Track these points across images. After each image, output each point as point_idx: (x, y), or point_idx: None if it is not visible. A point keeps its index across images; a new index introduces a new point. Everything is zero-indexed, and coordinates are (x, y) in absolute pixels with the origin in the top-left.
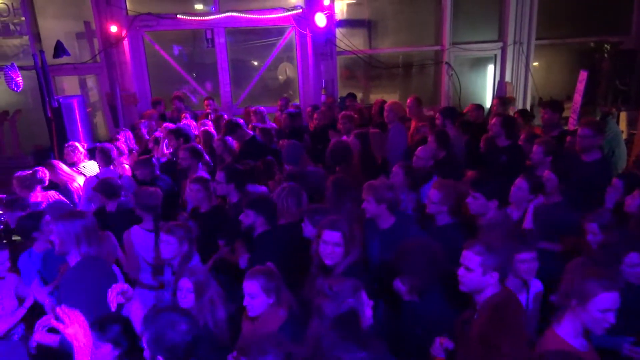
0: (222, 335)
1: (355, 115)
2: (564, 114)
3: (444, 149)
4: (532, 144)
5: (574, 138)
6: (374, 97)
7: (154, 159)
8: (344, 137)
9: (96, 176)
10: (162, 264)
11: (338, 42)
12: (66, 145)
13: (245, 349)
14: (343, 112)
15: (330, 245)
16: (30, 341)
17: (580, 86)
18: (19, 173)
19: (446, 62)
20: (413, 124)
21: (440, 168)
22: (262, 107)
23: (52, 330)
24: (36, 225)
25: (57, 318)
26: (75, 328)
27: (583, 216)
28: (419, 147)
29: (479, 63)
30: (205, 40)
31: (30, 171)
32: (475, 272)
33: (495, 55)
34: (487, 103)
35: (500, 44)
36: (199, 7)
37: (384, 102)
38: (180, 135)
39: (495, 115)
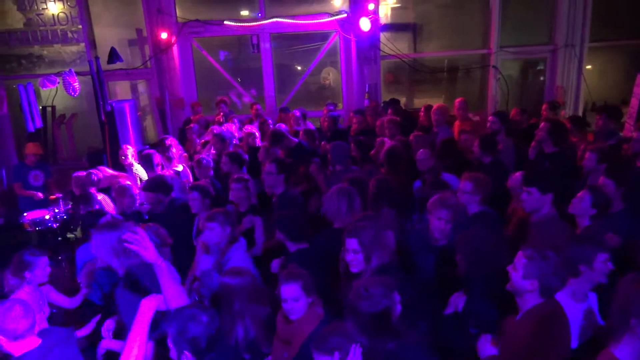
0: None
1: (399, 120)
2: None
3: (489, 154)
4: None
5: (631, 145)
6: (418, 102)
7: (204, 162)
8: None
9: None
10: None
11: (382, 47)
12: (122, 147)
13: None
14: (388, 117)
15: (350, 253)
16: (99, 348)
17: (638, 90)
18: (77, 173)
19: (493, 66)
20: (456, 125)
21: (486, 173)
22: (297, 111)
23: (118, 335)
24: (94, 224)
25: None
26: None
27: None
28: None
29: (528, 66)
30: (250, 46)
31: (85, 173)
32: (518, 272)
33: (546, 59)
34: (537, 108)
35: (551, 47)
36: (245, 13)
37: (429, 106)
38: (225, 139)
39: (544, 120)
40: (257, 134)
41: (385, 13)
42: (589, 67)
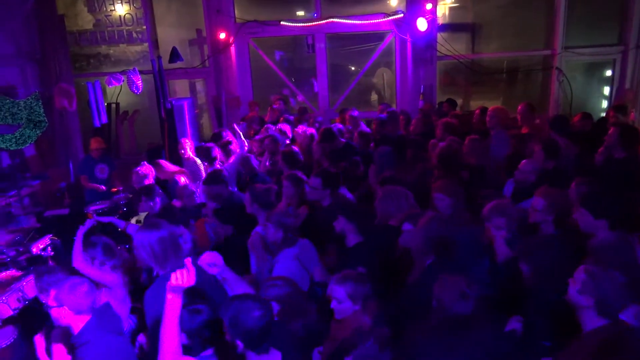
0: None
1: (455, 122)
2: None
3: (552, 160)
4: None
5: None
6: (475, 104)
7: (252, 158)
8: (441, 144)
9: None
10: None
11: (439, 47)
12: (180, 141)
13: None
14: (442, 120)
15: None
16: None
17: None
18: (136, 169)
19: (557, 68)
20: (525, 131)
21: (548, 181)
22: (355, 112)
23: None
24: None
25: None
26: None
27: None
28: (524, 160)
29: (594, 68)
30: (305, 46)
31: (139, 170)
32: (576, 286)
33: (614, 60)
34: (603, 111)
35: (620, 48)
36: (300, 13)
37: (485, 109)
38: (277, 140)
39: (613, 125)
40: (309, 132)
41: (442, 13)
42: None
